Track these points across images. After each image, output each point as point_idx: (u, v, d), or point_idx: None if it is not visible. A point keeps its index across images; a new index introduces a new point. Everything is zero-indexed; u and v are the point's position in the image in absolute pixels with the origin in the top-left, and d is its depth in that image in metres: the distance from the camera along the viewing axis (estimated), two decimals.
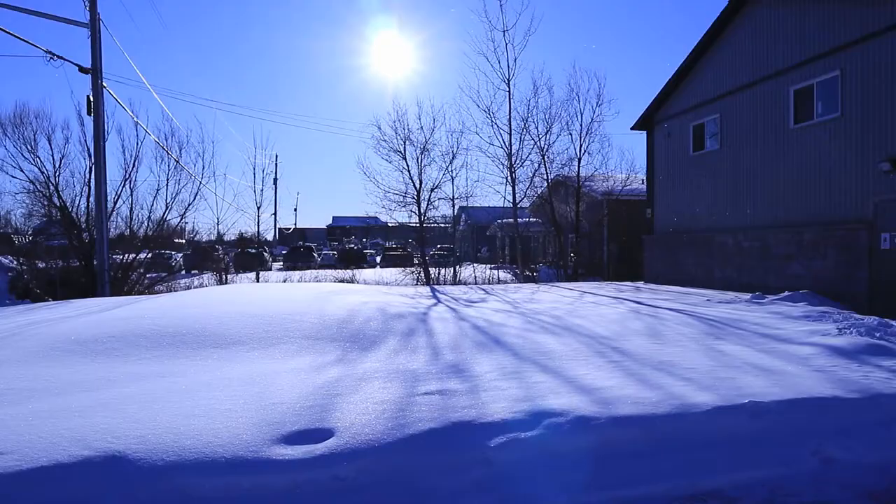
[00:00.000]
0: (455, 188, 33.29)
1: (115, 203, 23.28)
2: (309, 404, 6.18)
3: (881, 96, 15.39)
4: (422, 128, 32.19)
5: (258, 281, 31.86)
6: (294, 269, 44.93)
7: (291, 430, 5.51)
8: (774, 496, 5.06)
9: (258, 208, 35.64)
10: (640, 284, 23.46)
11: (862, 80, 15.94)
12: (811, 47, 17.55)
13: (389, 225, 34.79)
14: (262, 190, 35.43)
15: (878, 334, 10.03)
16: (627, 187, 32.73)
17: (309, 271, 38.77)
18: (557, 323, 11.59)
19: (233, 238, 44.61)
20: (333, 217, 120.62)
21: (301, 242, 71.03)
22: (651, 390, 6.67)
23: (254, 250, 43.53)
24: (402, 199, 29.45)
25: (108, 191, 21.33)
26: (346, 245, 76.85)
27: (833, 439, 5.94)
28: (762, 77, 19.44)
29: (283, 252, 61.04)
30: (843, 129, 16.50)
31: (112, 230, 23.13)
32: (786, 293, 16.40)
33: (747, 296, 16.48)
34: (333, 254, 59.99)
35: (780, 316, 12.23)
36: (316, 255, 56.22)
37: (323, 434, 5.45)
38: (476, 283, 27.83)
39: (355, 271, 36.54)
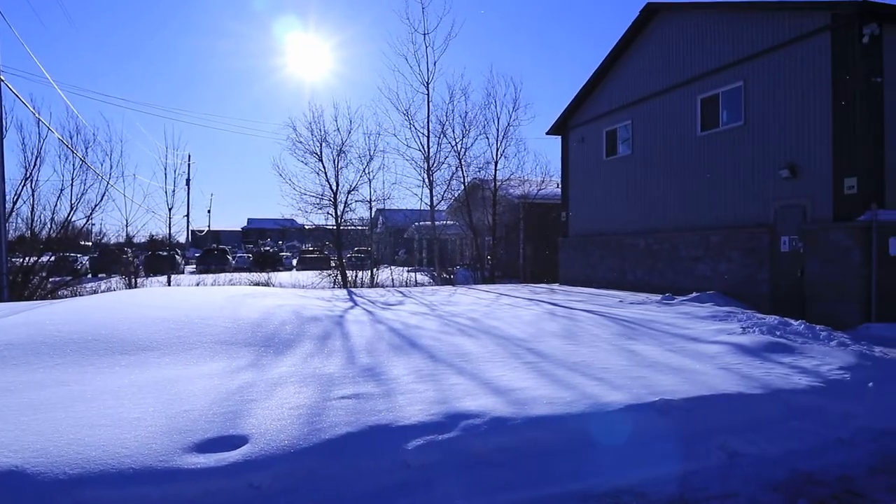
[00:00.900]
0: (372, 190, 33.18)
1: (15, 203, 22.24)
2: (222, 410, 6.02)
3: (780, 106, 16.11)
4: (338, 129, 32.03)
5: (170, 284, 30.96)
6: (207, 272, 43.84)
7: (203, 437, 5.36)
8: (683, 491, 5.21)
9: (170, 210, 34.46)
10: (556, 286, 23.85)
11: (763, 90, 16.65)
12: (717, 58, 18.23)
13: (306, 227, 34.29)
14: (173, 191, 34.32)
15: (778, 332, 10.49)
16: (543, 191, 33.26)
17: (223, 274, 37.88)
18: (474, 325, 11.65)
19: (143, 241, 43.16)
20: (248, 219, 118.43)
21: (215, 245, 69.38)
22: (566, 390, 6.78)
23: (165, 253, 42.22)
24: (318, 201, 29.15)
25: (7, 190, 20.36)
26: (261, 247, 75.52)
27: (738, 434, 6.16)
28: (671, 85, 20.07)
29: (197, 255, 59.54)
30: (747, 136, 17.19)
31: (11, 232, 22.07)
32: (694, 294, 16.96)
33: (658, 297, 16.96)
34: (248, 256, 58.89)
35: (689, 316, 12.63)
36: (230, 257, 55.06)
37: (236, 441, 5.32)
38: (393, 286, 27.76)
39: (271, 274, 35.99)
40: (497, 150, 31.27)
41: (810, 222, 15.16)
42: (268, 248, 74.71)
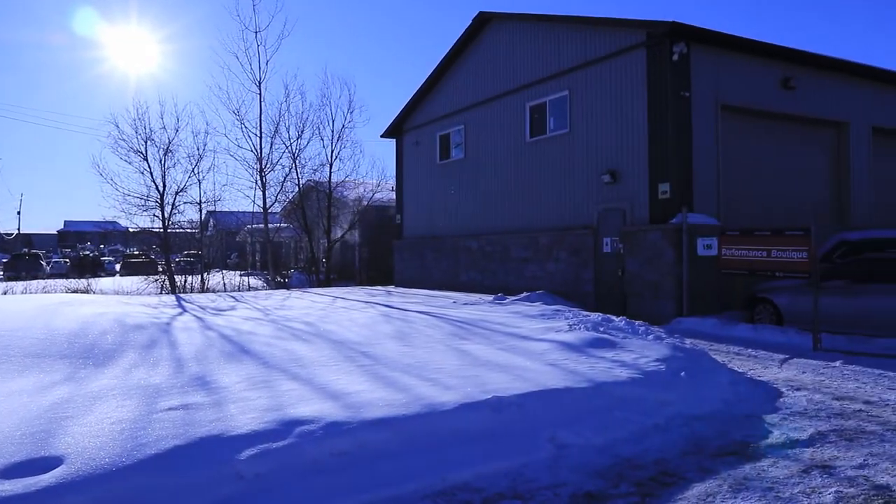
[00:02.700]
0: (202, 192, 31.99)
1: None
2: (32, 430, 5.54)
3: (602, 115, 17.06)
4: (165, 127, 30.33)
5: None
6: (17, 279, 40.37)
7: (10, 461, 4.90)
8: (516, 484, 5.37)
9: None
10: (391, 288, 23.96)
11: (587, 100, 17.57)
12: (545, 68, 19.03)
13: (130, 230, 32.47)
14: None
15: (601, 329, 11.07)
16: (378, 194, 33.41)
17: (35, 281, 35.02)
18: (309, 329, 11.47)
19: None
20: (65, 221, 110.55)
21: (26, 249, 64.26)
22: (401, 392, 6.80)
23: None
24: (143, 202, 27.69)
25: None
26: (80, 252, 70.78)
27: (566, 426, 6.44)
28: (503, 92, 20.74)
29: (4, 260, 54.90)
30: (572, 143, 18.07)
31: None
32: (524, 294, 17.60)
33: (490, 297, 17.43)
34: (65, 261, 55.06)
35: (520, 315, 13.05)
36: (44, 263, 51.10)
37: (49, 463, 4.90)
38: (225, 291, 26.91)
39: (91, 280, 33.64)
40: (332, 151, 31.13)
41: (630, 224, 16.16)
42: (87, 252, 70.16)
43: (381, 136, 27.46)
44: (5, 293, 25.64)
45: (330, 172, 31.02)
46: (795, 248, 12.15)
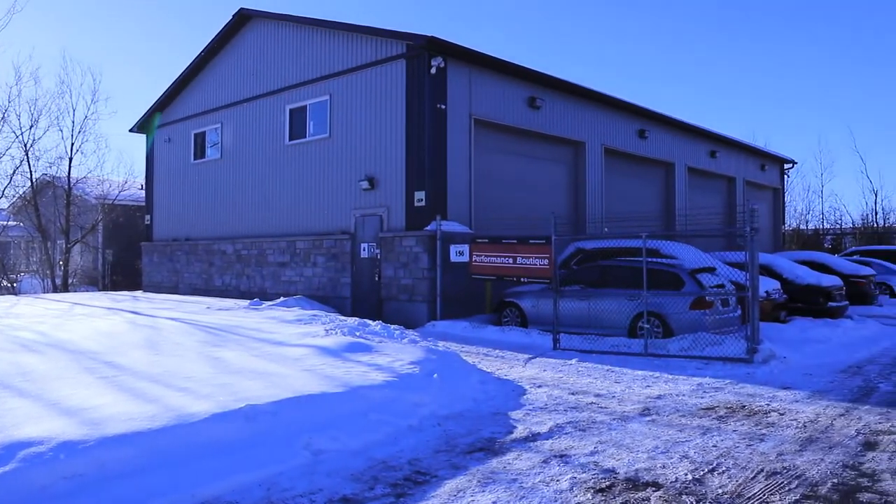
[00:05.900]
0: None
1: None
2: None
3: (362, 122, 17.30)
4: None
5: None
6: None
7: None
8: (270, 493, 5.26)
9: None
10: (139, 294, 22.60)
11: (348, 106, 17.72)
12: (307, 71, 18.92)
13: None
14: None
15: (358, 333, 11.22)
16: (126, 192, 31.34)
17: None
18: (41, 339, 10.48)
19: None
20: None
21: None
22: (147, 404, 6.41)
23: None
24: None
25: None
26: None
27: (322, 432, 6.42)
28: (263, 93, 20.31)
29: None
30: (332, 148, 18.12)
31: None
32: (281, 299, 17.33)
33: (246, 302, 16.98)
34: None
35: (276, 320, 12.85)
36: None
37: None
38: None
39: None
40: (73, 144, 28.68)
41: (387, 230, 16.52)
42: None
43: (130, 131, 25.78)
44: None
45: (70, 167, 28.63)
46: (538, 255, 13.12)
